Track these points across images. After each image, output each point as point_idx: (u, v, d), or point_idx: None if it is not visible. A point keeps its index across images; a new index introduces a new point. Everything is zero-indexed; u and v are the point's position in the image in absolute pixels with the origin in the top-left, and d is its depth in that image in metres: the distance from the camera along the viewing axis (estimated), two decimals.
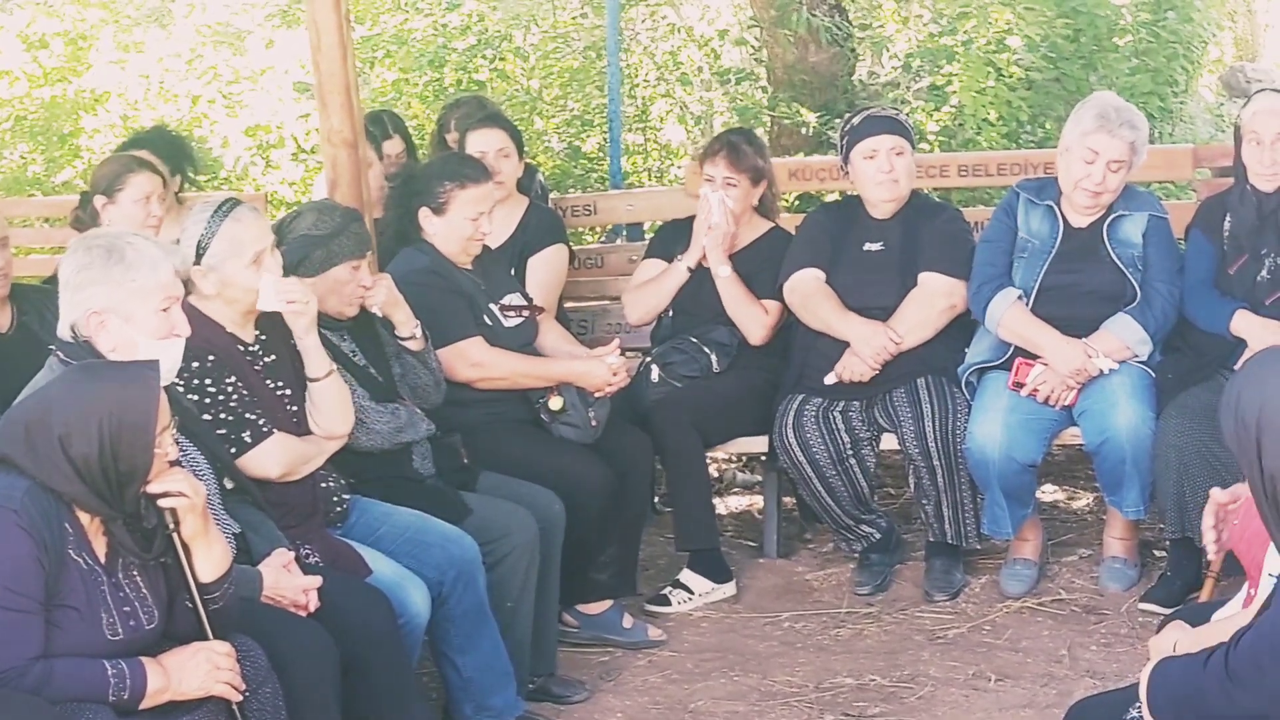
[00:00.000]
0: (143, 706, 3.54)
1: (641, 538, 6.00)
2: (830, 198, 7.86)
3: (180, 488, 3.62)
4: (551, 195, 7.54)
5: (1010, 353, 5.79)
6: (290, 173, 10.07)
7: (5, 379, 4.81)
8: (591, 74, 10.41)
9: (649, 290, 6.36)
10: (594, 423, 5.62)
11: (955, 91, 9.21)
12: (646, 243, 7.10)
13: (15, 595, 3.41)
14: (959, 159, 7.74)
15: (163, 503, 3.61)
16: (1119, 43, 9.46)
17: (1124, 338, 5.70)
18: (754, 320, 6.17)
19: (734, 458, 7.56)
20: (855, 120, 6.15)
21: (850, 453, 5.86)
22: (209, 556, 3.70)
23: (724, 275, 6.14)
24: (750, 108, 9.90)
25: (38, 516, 3.45)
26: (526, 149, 6.99)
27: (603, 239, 8.79)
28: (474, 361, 5.50)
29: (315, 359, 4.66)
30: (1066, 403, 5.71)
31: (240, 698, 3.69)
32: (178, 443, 3.77)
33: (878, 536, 6.08)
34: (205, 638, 3.69)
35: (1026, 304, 5.78)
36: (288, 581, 4.16)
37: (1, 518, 3.43)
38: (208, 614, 3.70)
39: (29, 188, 9.82)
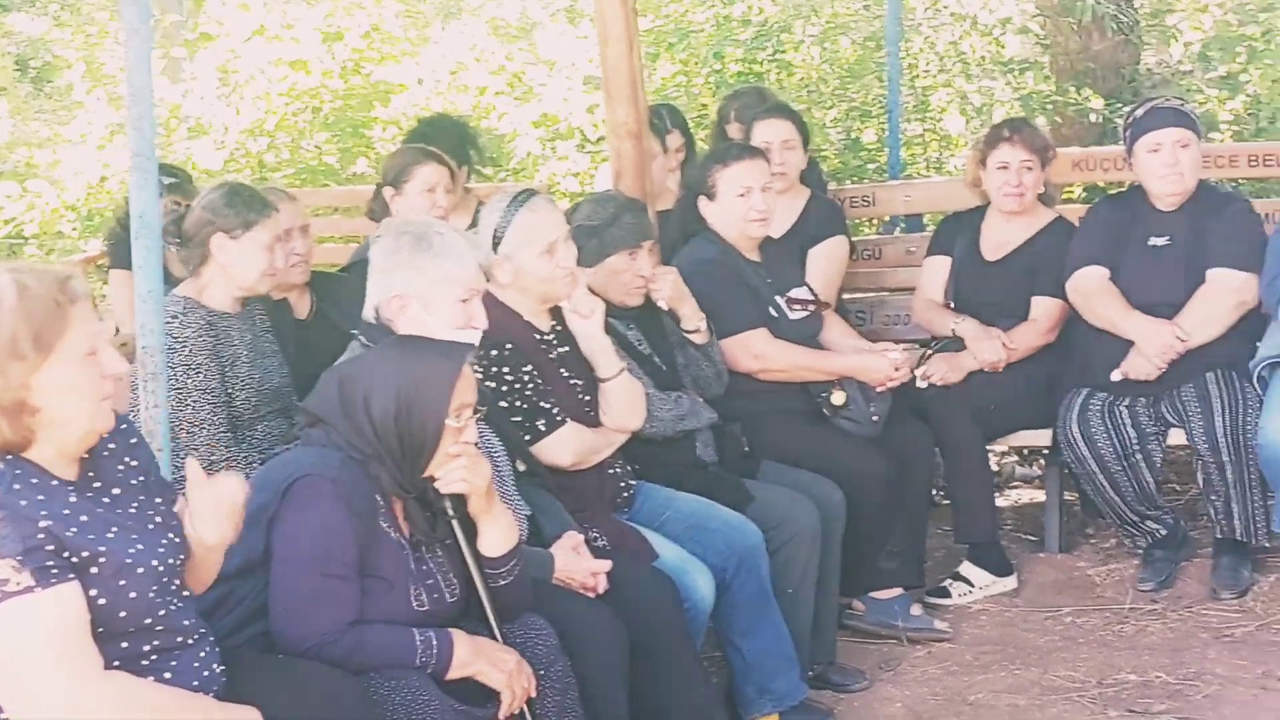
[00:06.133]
0: (449, 677, 3.64)
1: (926, 529, 5.98)
2: (1117, 189, 7.73)
3: (459, 478, 3.73)
4: (830, 186, 7.56)
5: None
6: (576, 164, 10.25)
7: (306, 364, 5.04)
8: (870, 64, 10.37)
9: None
10: (875, 418, 5.62)
11: (1250, 81, 8.95)
12: (924, 234, 7.07)
13: (334, 562, 3.56)
14: (1249, 149, 7.54)
15: (442, 488, 3.74)
16: None
17: None
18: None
19: (1011, 451, 7.50)
20: (1139, 112, 6.04)
21: (1136, 448, 5.76)
22: (492, 533, 3.82)
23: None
24: (1033, 95, 9.75)
25: (352, 486, 3.62)
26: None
27: (880, 230, 8.79)
28: (757, 353, 5.55)
29: (603, 360, 4.76)
30: None
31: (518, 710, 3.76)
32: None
33: (1163, 533, 5.98)
34: (485, 615, 3.81)
35: None
36: (578, 564, 4.26)
37: (319, 487, 3.59)
38: (491, 590, 3.82)
39: (323, 178, 10.14)
